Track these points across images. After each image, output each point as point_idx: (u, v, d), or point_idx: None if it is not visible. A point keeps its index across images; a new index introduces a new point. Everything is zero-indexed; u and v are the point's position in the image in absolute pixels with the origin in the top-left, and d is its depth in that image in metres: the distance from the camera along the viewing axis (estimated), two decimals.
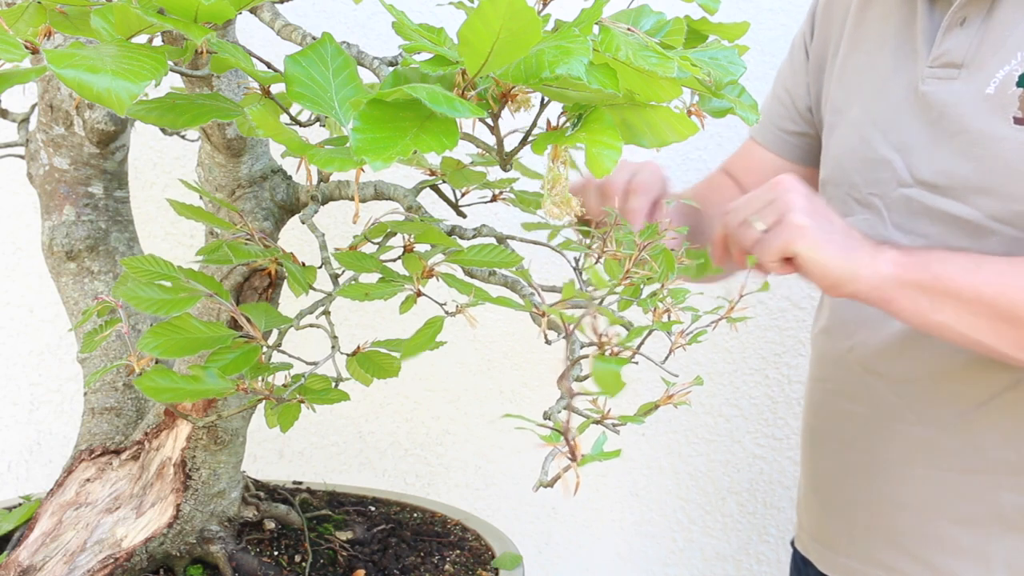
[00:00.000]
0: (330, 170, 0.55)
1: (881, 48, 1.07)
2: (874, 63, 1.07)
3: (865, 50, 1.09)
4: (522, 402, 1.56)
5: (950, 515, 1.01)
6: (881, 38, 1.07)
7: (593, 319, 0.64)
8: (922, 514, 1.03)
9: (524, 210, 0.98)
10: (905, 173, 1.01)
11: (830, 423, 1.13)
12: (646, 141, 0.64)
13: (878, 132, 1.04)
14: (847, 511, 1.10)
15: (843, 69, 1.11)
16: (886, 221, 1.03)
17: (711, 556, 1.63)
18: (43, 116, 0.98)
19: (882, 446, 1.06)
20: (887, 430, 1.05)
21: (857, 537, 1.09)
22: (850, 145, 1.08)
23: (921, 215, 0.99)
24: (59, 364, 1.46)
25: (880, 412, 1.06)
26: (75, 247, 0.99)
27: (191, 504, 0.94)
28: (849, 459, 1.10)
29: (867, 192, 1.05)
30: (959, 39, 0.98)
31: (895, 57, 1.05)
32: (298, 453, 1.55)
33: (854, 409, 1.08)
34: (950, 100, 0.97)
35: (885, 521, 1.06)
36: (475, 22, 0.51)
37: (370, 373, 0.82)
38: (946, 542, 1.01)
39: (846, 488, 1.11)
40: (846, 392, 1.10)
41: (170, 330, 0.73)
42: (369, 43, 1.39)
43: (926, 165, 0.99)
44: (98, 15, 0.57)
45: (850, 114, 1.09)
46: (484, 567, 1.01)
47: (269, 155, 0.95)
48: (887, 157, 1.02)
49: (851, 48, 1.11)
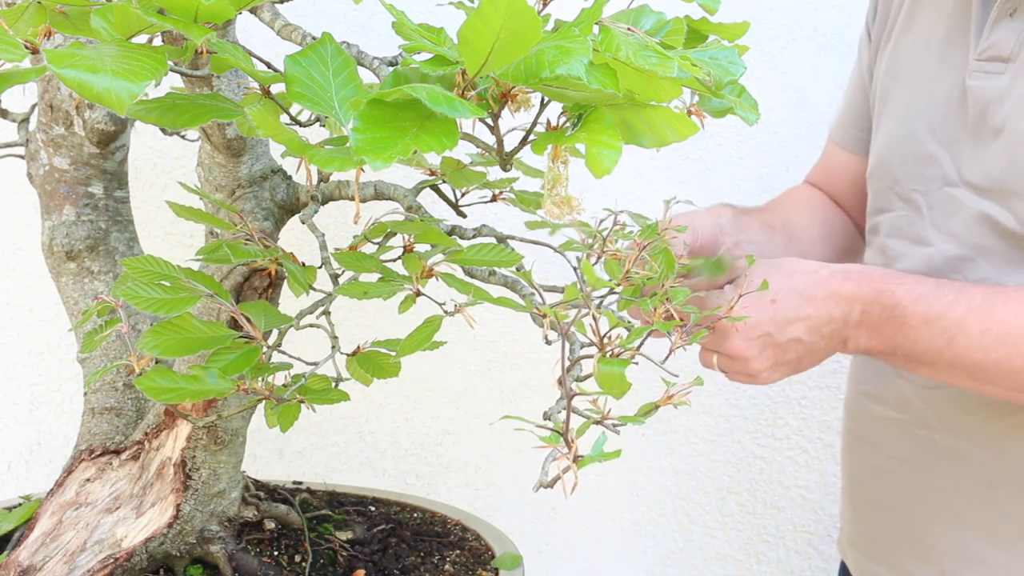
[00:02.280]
0: (330, 170, 0.55)
1: (933, 35, 1.00)
2: (925, 51, 1.01)
3: (917, 35, 1.03)
4: (522, 402, 1.56)
5: (976, 528, 0.97)
6: (934, 24, 1.01)
7: (593, 319, 0.64)
8: (947, 525, 0.99)
9: (524, 210, 0.98)
10: (952, 172, 0.96)
11: (863, 426, 1.10)
12: (646, 141, 0.64)
13: (925, 126, 0.99)
14: (875, 516, 1.08)
15: (894, 54, 1.05)
16: (925, 219, 0.98)
17: (711, 556, 1.63)
18: (43, 116, 0.98)
19: (910, 453, 1.03)
20: (915, 437, 1.02)
21: (884, 543, 1.07)
22: (897, 137, 1.02)
23: (959, 215, 0.95)
24: (59, 364, 1.46)
25: (909, 418, 1.02)
26: (75, 247, 0.98)
27: (191, 504, 0.94)
28: (879, 464, 1.07)
29: (909, 188, 1.00)
30: (1007, 31, 0.92)
31: (946, 46, 0.98)
32: (298, 453, 1.55)
33: (886, 413, 1.05)
34: (995, 96, 0.92)
35: (910, 529, 1.03)
36: (475, 22, 0.51)
37: (370, 373, 0.82)
38: (970, 555, 0.97)
39: (875, 493, 1.08)
40: (879, 396, 1.07)
41: (170, 330, 0.73)
42: (369, 43, 1.39)
43: (972, 164, 0.94)
44: (98, 15, 0.57)
45: (898, 104, 1.03)
46: (484, 567, 1.01)
47: (269, 155, 0.95)
48: (933, 153, 0.97)
49: (903, 31, 1.04)
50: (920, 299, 0.87)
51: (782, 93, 1.52)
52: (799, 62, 1.52)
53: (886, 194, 1.04)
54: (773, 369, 0.90)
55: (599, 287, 0.73)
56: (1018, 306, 0.85)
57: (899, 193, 1.02)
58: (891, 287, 0.89)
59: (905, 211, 1.01)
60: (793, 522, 1.61)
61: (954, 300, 0.87)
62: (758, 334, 0.88)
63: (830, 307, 0.89)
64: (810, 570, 1.62)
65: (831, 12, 1.51)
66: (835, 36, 1.51)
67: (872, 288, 0.89)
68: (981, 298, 0.86)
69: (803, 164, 1.54)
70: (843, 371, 1.56)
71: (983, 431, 0.96)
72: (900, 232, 1.02)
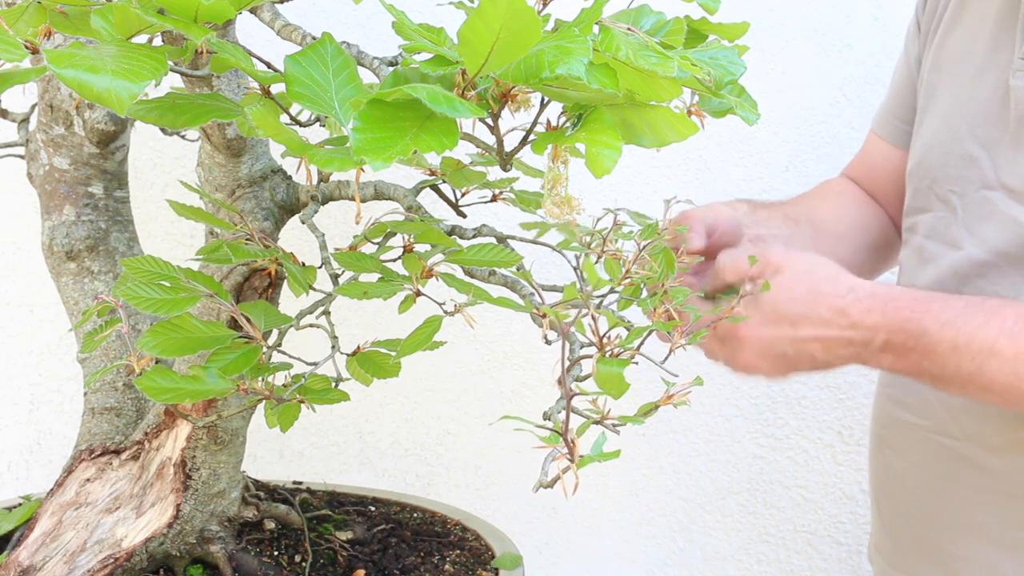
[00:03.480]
0: (330, 170, 0.55)
1: (980, 32, 0.98)
2: (971, 48, 0.98)
3: (964, 31, 1.00)
4: (522, 402, 1.56)
5: (994, 539, 0.96)
6: (981, 21, 0.98)
7: (593, 319, 0.64)
8: (967, 536, 0.98)
9: (524, 210, 0.98)
10: (991, 174, 0.93)
11: (887, 430, 1.09)
12: (646, 141, 0.64)
13: (966, 125, 0.96)
14: (896, 523, 1.07)
15: (940, 48, 1.03)
16: (959, 221, 0.96)
17: (711, 556, 1.63)
18: (43, 116, 0.98)
19: (930, 460, 1.02)
20: (936, 444, 1.01)
21: (904, 551, 1.06)
22: (939, 137, 1.00)
23: (991, 219, 0.93)
24: (59, 364, 1.46)
25: (931, 424, 1.01)
26: (75, 247, 0.98)
27: (191, 504, 0.94)
28: (902, 470, 1.06)
29: (948, 189, 0.98)
30: None
31: (992, 44, 0.96)
32: (298, 453, 1.55)
33: (909, 419, 1.04)
34: None
35: (928, 538, 1.02)
36: (475, 22, 0.51)
37: (370, 373, 0.82)
38: (988, 567, 0.96)
39: (897, 500, 1.07)
40: (903, 400, 1.06)
41: (170, 330, 0.73)
42: (369, 43, 1.39)
43: (1011, 168, 0.92)
44: (98, 15, 0.57)
45: (941, 101, 1.01)
46: (484, 567, 1.01)
47: (269, 155, 0.95)
48: (974, 154, 0.95)
49: (951, 25, 1.02)
50: (947, 325, 0.84)
51: (782, 93, 1.52)
52: (799, 62, 1.52)
53: (925, 194, 1.02)
54: (782, 374, 0.90)
55: (601, 287, 0.73)
56: None
57: (938, 194, 1.00)
58: (917, 316, 0.85)
59: (943, 212, 0.99)
60: (793, 522, 1.61)
61: (984, 322, 0.83)
62: (774, 353, 0.87)
63: (850, 335, 0.87)
64: (810, 570, 1.62)
65: (831, 12, 1.51)
66: (835, 36, 1.51)
67: (898, 317, 0.86)
68: (1013, 320, 0.83)
69: (803, 164, 1.54)
70: (844, 371, 1.56)
71: (1001, 441, 0.95)
72: (936, 234, 1.00)
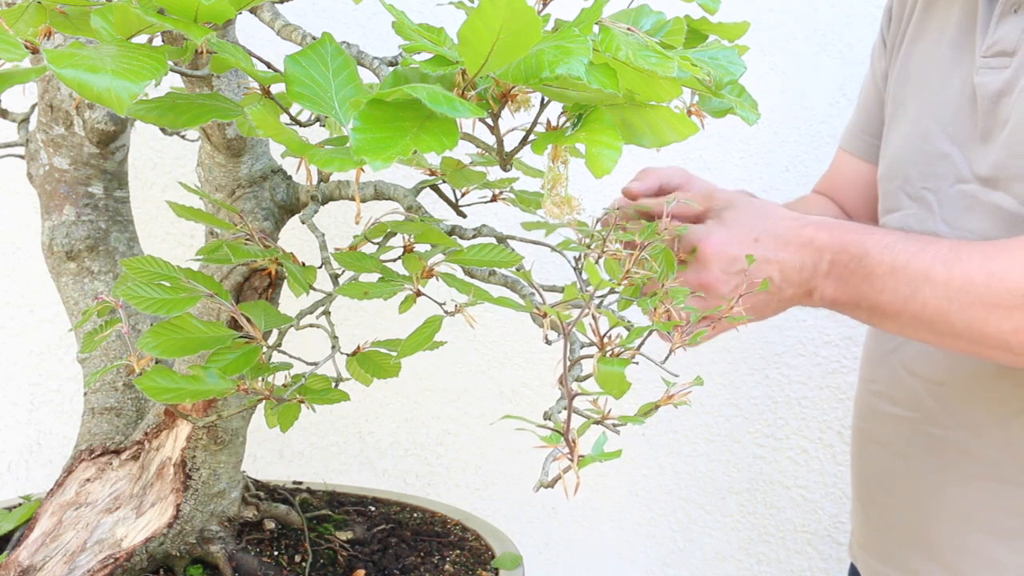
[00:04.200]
0: (330, 170, 0.55)
1: (942, 39, 1.03)
2: (935, 55, 1.04)
3: (928, 41, 1.05)
4: (522, 402, 1.56)
5: (986, 527, 0.97)
6: (943, 28, 1.04)
7: (593, 319, 0.64)
8: (957, 524, 0.99)
9: (524, 210, 0.98)
10: (964, 168, 0.97)
11: (872, 424, 1.10)
12: (646, 141, 0.64)
13: (937, 126, 1.01)
14: (884, 517, 1.08)
15: (906, 59, 1.08)
16: (936, 216, 0.99)
17: (711, 556, 1.63)
18: (43, 116, 0.98)
19: (919, 451, 1.03)
20: (924, 435, 1.02)
21: (893, 545, 1.06)
22: (910, 138, 1.04)
23: (973, 210, 0.96)
24: (59, 364, 1.46)
25: (919, 416, 1.02)
26: (75, 247, 0.98)
27: (191, 504, 0.94)
28: (889, 464, 1.07)
29: (921, 187, 1.01)
30: (1012, 26, 0.94)
31: (955, 48, 1.01)
32: (298, 453, 1.55)
33: (895, 412, 1.06)
34: (1002, 89, 0.94)
35: (919, 529, 1.03)
36: (475, 22, 0.51)
37: (370, 373, 0.82)
38: (980, 555, 0.97)
39: (884, 493, 1.08)
40: (890, 394, 1.07)
41: (170, 330, 0.73)
42: (369, 43, 1.39)
43: (982, 159, 0.95)
44: (98, 15, 0.57)
45: (910, 108, 1.05)
46: (484, 567, 1.01)
47: (269, 155, 0.95)
48: (945, 151, 0.99)
49: (915, 37, 1.07)
50: (888, 248, 0.88)
51: (782, 93, 1.52)
52: (799, 62, 1.52)
53: (895, 194, 1.05)
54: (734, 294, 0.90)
55: (603, 287, 0.73)
56: (983, 256, 0.85)
57: (909, 192, 1.03)
58: (861, 237, 0.90)
59: (914, 209, 1.02)
60: (793, 522, 1.61)
61: (921, 249, 0.87)
62: (736, 269, 0.89)
63: (803, 255, 0.90)
64: (810, 570, 1.62)
65: (831, 12, 1.51)
66: (835, 36, 1.51)
67: (844, 238, 0.90)
68: (948, 249, 0.86)
69: (803, 164, 1.54)
70: (844, 371, 1.56)
71: (993, 426, 0.96)
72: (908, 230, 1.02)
